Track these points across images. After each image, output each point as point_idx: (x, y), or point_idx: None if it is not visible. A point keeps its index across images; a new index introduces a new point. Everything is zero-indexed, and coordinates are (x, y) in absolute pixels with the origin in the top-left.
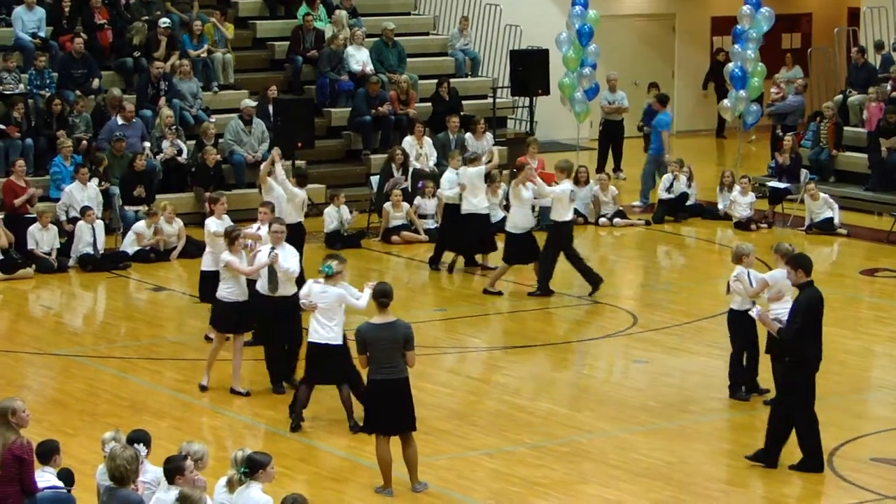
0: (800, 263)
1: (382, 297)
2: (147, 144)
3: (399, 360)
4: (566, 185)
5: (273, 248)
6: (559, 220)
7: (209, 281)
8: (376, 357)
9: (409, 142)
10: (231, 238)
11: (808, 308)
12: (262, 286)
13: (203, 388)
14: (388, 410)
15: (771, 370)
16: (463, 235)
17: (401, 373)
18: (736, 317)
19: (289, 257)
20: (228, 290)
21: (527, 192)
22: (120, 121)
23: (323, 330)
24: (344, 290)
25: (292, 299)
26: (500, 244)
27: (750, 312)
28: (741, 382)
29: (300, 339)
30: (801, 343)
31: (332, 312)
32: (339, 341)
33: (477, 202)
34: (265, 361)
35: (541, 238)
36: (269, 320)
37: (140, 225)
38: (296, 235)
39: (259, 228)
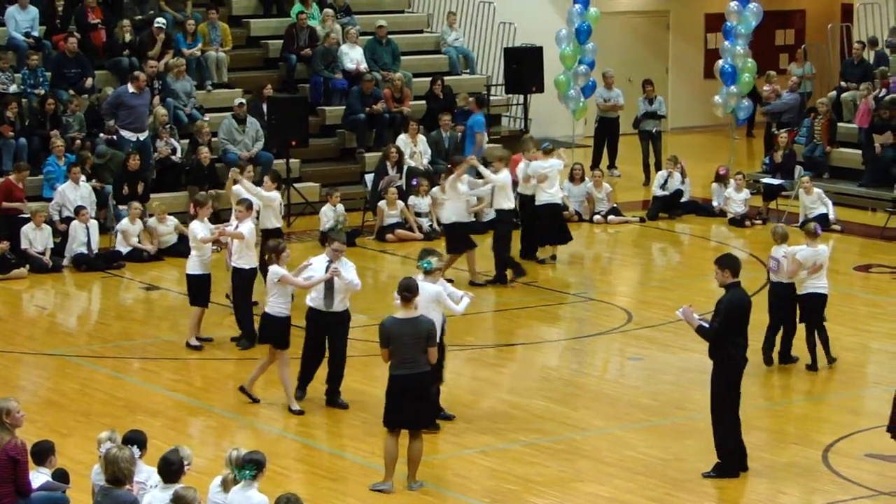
0: (727, 264)
1: (406, 291)
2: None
3: (421, 355)
4: (505, 173)
5: (330, 262)
6: (502, 208)
7: (198, 283)
8: (398, 352)
9: (403, 140)
10: (277, 252)
11: (730, 309)
12: (315, 301)
13: (255, 400)
14: (407, 405)
15: (805, 339)
16: (540, 225)
17: (422, 367)
18: (779, 290)
19: (351, 271)
20: (282, 305)
21: (463, 185)
22: (131, 89)
23: None
24: (442, 288)
25: (343, 315)
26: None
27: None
28: (771, 353)
29: (344, 358)
30: (722, 344)
31: (428, 310)
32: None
33: (553, 192)
34: (301, 369)
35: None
36: (317, 335)
37: (124, 223)
38: None
39: (237, 227)
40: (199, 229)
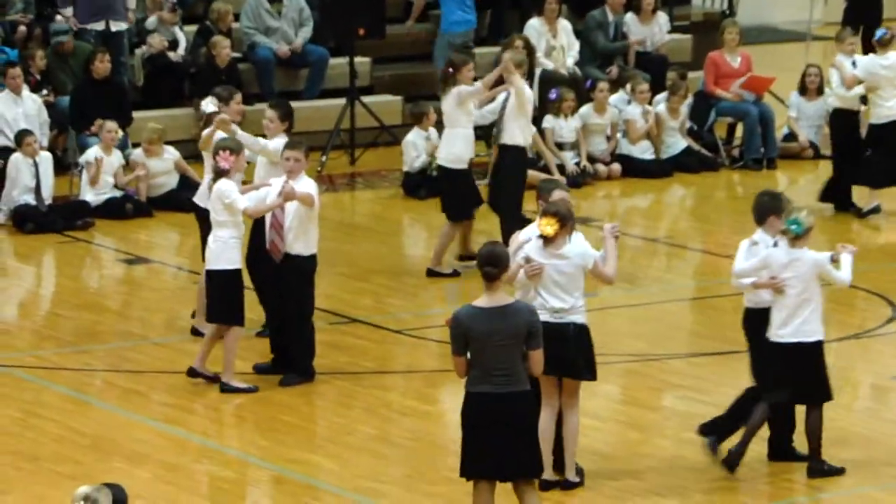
0: None
1: (490, 264)
2: (132, 3)
3: (518, 364)
4: (519, 82)
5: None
6: (512, 143)
7: (231, 285)
8: (483, 360)
9: (535, 26)
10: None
11: None
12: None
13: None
14: (498, 442)
15: None
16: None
17: (520, 384)
18: None
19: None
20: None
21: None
22: None
23: (795, 320)
24: (823, 255)
25: None
26: None
27: None
28: None
29: None
30: None
31: (807, 292)
32: (818, 336)
33: (893, 105)
34: None
35: None
36: None
37: (91, 153)
38: None
39: (287, 182)
40: (238, 196)
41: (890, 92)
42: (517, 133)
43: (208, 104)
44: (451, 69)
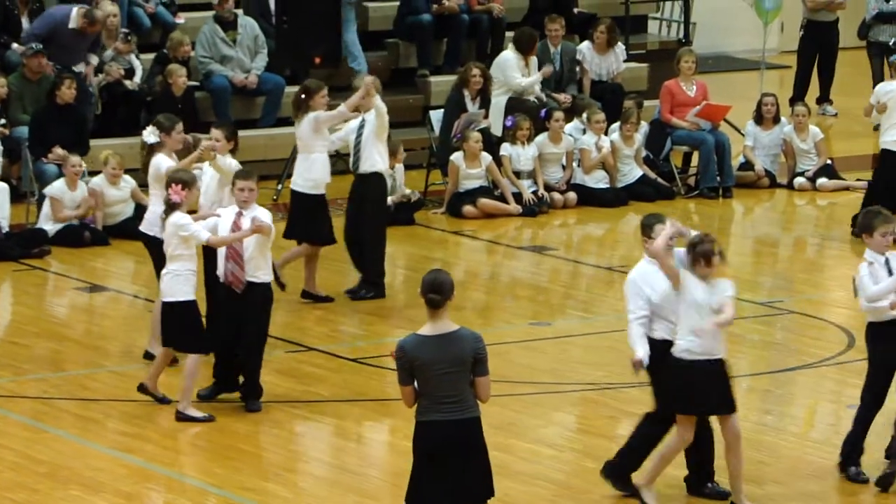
0: None
1: (433, 291)
2: (94, 60)
3: (467, 391)
4: (380, 103)
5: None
6: (373, 170)
7: (186, 315)
8: (431, 388)
9: (512, 58)
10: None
11: None
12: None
13: None
14: (448, 472)
15: None
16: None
17: (470, 411)
18: None
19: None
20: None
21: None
22: (74, 23)
23: None
24: None
25: None
26: None
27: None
28: None
29: None
30: None
31: None
32: None
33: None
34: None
35: None
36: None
37: (56, 187)
38: None
39: (241, 214)
40: (196, 226)
41: (887, 120)
42: (377, 159)
43: (150, 135)
44: (303, 95)
